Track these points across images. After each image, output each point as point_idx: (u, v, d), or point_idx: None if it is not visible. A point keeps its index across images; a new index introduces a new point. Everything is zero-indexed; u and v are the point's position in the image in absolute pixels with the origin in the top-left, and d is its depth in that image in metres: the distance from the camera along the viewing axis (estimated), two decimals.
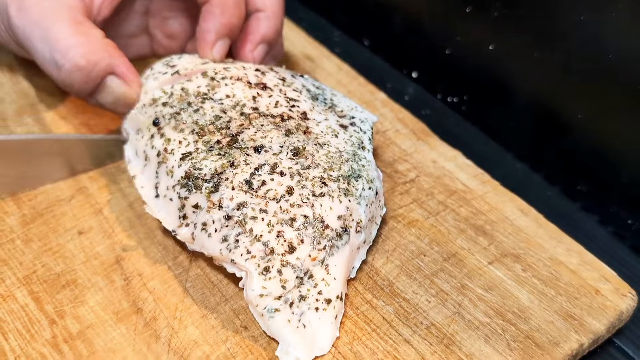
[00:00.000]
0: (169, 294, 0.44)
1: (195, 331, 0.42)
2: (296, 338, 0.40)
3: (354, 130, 0.49)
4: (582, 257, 0.48)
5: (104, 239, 0.48)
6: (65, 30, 0.49)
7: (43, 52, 0.49)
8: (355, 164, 0.46)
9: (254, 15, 0.55)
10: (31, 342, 0.41)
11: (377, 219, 0.47)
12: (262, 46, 0.56)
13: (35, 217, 0.49)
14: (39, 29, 0.49)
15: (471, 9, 0.64)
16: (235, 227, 0.41)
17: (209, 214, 0.42)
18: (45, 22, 0.49)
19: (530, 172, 0.61)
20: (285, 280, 0.41)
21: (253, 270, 0.41)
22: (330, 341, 0.41)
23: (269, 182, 0.43)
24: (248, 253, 0.41)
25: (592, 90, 0.56)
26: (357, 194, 0.44)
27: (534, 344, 0.42)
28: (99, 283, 0.45)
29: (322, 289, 0.42)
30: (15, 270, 0.45)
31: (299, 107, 0.49)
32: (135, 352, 0.41)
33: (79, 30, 0.49)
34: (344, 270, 0.43)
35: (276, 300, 0.41)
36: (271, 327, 0.41)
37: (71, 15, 0.50)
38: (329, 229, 0.42)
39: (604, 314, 0.44)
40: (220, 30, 0.53)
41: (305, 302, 0.41)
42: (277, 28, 0.56)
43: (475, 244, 0.49)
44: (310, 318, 0.41)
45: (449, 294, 0.45)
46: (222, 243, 0.42)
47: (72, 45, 0.49)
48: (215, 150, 0.45)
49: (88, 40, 0.49)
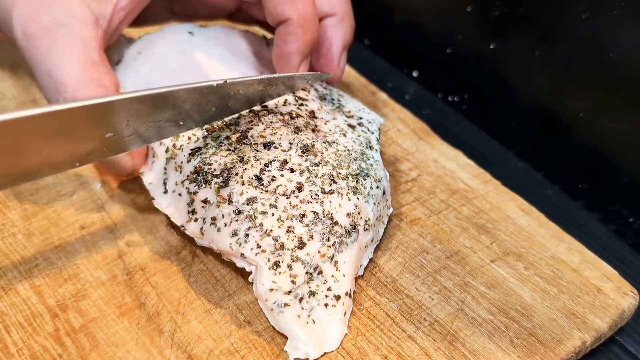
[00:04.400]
0: (172, 288, 0.44)
1: (199, 326, 0.42)
2: (305, 334, 0.40)
3: (362, 130, 0.49)
4: (584, 256, 0.48)
5: (106, 233, 0.48)
6: (76, 74, 0.43)
7: (48, 87, 0.44)
8: (364, 163, 0.46)
9: (325, 23, 0.52)
10: (33, 335, 0.41)
11: (384, 218, 0.48)
12: (344, 54, 0.53)
13: (36, 212, 0.49)
14: (46, 62, 0.43)
15: (472, 8, 0.64)
16: (245, 221, 0.41)
17: (219, 208, 0.42)
18: (54, 57, 0.43)
19: (531, 171, 0.61)
20: (295, 275, 0.41)
21: (263, 264, 0.41)
22: (339, 338, 0.41)
23: (278, 177, 0.43)
24: (258, 247, 0.41)
25: (593, 88, 0.56)
26: (366, 192, 0.44)
27: (537, 341, 0.42)
28: (101, 277, 0.45)
29: (332, 285, 0.42)
30: (17, 263, 0.45)
31: (307, 106, 0.49)
32: (138, 346, 0.41)
33: (90, 77, 0.43)
34: (352, 268, 0.43)
35: (286, 295, 0.41)
36: (280, 322, 0.41)
37: (85, 54, 0.44)
38: (338, 225, 0.42)
39: (606, 312, 0.44)
40: (304, 50, 0.48)
41: (314, 297, 0.41)
42: (352, 29, 0.53)
43: (478, 242, 0.49)
44: (319, 314, 0.41)
45: (452, 291, 0.45)
46: (232, 237, 0.42)
47: (77, 94, 0.43)
48: (225, 146, 0.45)
49: (96, 91, 0.43)
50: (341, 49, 0.53)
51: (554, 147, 0.61)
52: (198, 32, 0.55)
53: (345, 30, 0.52)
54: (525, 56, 0.61)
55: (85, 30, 0.44)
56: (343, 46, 0.53)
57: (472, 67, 0.67)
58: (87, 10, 0.45)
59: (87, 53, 0.44)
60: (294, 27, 0.47)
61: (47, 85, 0.44)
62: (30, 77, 0.60)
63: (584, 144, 0.58)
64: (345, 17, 0.52)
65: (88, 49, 0.44)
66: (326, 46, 0.52)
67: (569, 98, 0.59)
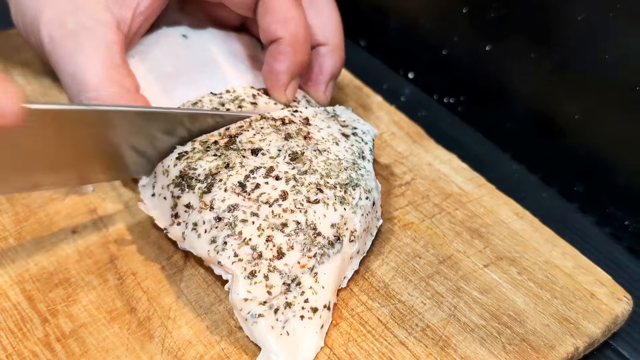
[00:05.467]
0: (163, 293, 0.44)
1: (190, 331, 0.42)
2: (279, 345, 0.40)
3: (356, 140, 0.49)
4: (578, 260, 0.48)
5: (98, 238, 0.47)
6: (98, 75, 0.45)
7: (72, 88, 0.46)
8: (354, 173, 0.46)
9: (317, 50, 0.53)
10: (23, 341, 0.41)
11: (373, 230, 0.47)
12: (332, 82, 0.54)
13: (28, 216, 0.48)
14: (70, 63, 0.46)
15: (467, 9, 0.64)
16: (224, 228, 0.41)
17: (200, 214, 0.42)
18: (78, 59, 0.46)
19: (526, 173, 0.61)
20: (272, 285, 0.40)
21: (239, 273, 0.40)
22: (314, 351, 0.41)
23: (263, 185, 0.43)
24: (235, 256, 0.41)
25: (589, 90, 0.56)
26: (354, 203, 0.44)
27: (530, 347, 0.42)
28: (92, 282, 0.44)
29: (309, 297, 0.41)
30: (8, 268, 0.45)
31: (302, 113, 0.49)
32: (128, 351, 0.41)
33: (112, 78, 0.46)
34: (333, 280, 0.42)
35: (261, 306, 0.40)
36: (254, 333, 0.40)
37: (108, 57, 0.46)
38: (320, 236, 0.42)
39: (600, 318, 0.44)
40: (293, 71, 0.49)
41: (290, 309, 0.41)
42: (342, 61, 0.55)
43: (471, 246, 0.48)
44: (294, 326, 0.40)
45: (444, 297, 0.45)
46: (210, 244, 0.41)
47: (100, 94, 0.45)
48: (212, 151, 0.45)
49: (118, 92, 0.45)
50: (329, 77, 0.54)
51: (550, 150, 0.61)
52: (192, 35, 0.54)
53: (335, 60, 0.54)
54: (521, 58, 0.61)
55: (108, 34, 0.47)
56: (332, 75, 0.54)
57: (467, 68, 0.67)
58: (110, 15, 0.48)
59: (110, 56, 0.46)
60: (285, 47, 0.48)
61: (71, 86, 0.46)
62: (23, 79, 0.60)
63: (580, 146, 0.58)
64: (337, 48, 0.54)
65: (110, 52, 0.46)
66: (316, 72, 0.54)
67: (564, 100, 0.59)
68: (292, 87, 0.50)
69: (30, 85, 0.60)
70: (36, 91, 0.59)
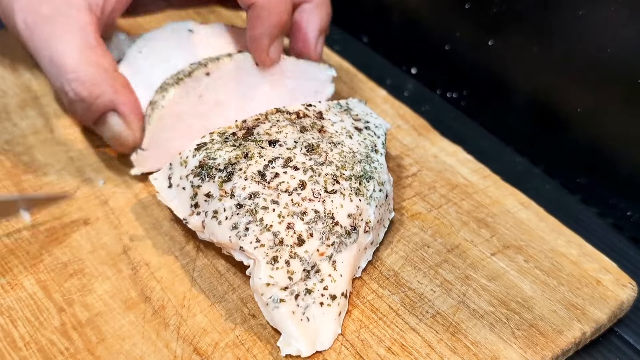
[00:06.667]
0: (177, 283, 0.45)
1: (204, 319, 0.42)
2: (299, 330, 0.41)
3: (368, 134, 0.49)
4: (583, 249, 0.49)
5: (110, 229, 0.48)
6: (74, 57, 0.46)
7: (51, 72, 0.47)
8: (368, 166, 0.46)
9: (302, 8, 0.53)
10: (40, 329, 0.41)
11: (386, 222, 0.48)
12: (321, 38, 0.54)
13: (40, 208, 0.49)
14: (47, 48, 0.46)
15: (470, 4, 0.65)
16: (246, 215, 0.42)
17: (221, 202, 0.43)
18: (54, 43, 0.46)
19: (530, 166, 0.62)
20: (293, 271, 0.41)
21: (261, 258, 0.41)
22: (332, 337, 0.41)
23: (281, 174, 0.43)
24: (257, 241, 0.41)
25: (591, 83, 0.57)
26: (368, 195, 0.45)
27: (538, 332, 0.43)
28: (106, 272, 0.45)
29: (328, 285, 0.42)
30: (23, 259, 0.45)
31: (315, 107, 0.49)
32: (144, 339, 0.41)
33: (88, 59, 0.46)
34: (350, 269, 0.43)
35: (282, 291, 0.41)
36: (275, 318, 0.41)
37: (83, 39, 0.47)
38: (338, 225, 0.43)
39: (606, 304, 0.45)
40: (272, 33, 0.50)
41: (310, 295, 0.41)
42: (328, 15, 0.54)
43: (478, 235, 0.49)
44: (314, 312, 0.41)
45: (453, 284, 0.45)
46: (232, 230, 0.42)
47: (78, 75, 0.46)
48: (230, 142, 0.45)
49: (95, 72, 0.46)
50: (317, 34, 0.54)
51: (552, 142, 0.62)
52: (198, 29, 0.55)
53: (321, 16, 0.54)
54: (524, 52, 0.61)
55: (81, 17, 0.48)
56: (319, 31, 0.54)
57: (470, 63, 0.67)
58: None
59: (84, 38, 0.47)
60: (259, 10, 0.49)
61: (50, 70, 0.47)
62: (30, 73, 0.60)
63: (582, 138, 0.59)
64: (320, 3, 0.54)
65: (85, 33, 0.47)
66: (302, 31, 0.54)
67: (567, 93, 0.60)
68: (275, 48, 0.51)
69: (36, 80, 0.60)
70: (43, 85, 0.60)
